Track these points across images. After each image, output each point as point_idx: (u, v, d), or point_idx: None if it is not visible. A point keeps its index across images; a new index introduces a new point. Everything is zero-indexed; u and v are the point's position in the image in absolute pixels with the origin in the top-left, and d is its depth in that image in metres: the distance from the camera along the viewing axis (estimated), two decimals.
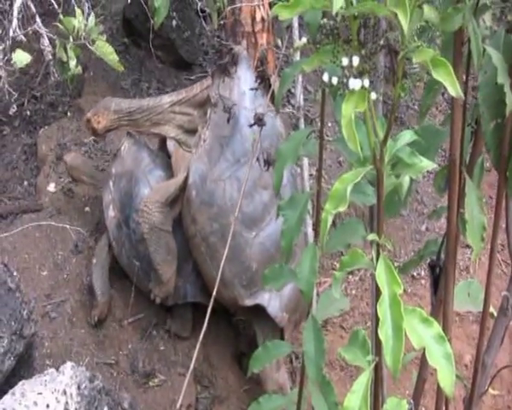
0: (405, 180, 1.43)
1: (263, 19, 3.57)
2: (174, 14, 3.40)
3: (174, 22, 3.38)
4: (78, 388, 1.77)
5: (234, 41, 3.47)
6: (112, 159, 3.68)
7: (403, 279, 3.84)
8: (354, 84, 1.16)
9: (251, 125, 3.33)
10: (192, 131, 3.32)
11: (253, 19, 3.55)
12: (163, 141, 3.53)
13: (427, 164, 1.28)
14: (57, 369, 1.82)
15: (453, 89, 1.10)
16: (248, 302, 3.18)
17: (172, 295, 3.37)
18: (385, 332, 1.27)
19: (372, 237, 1.33)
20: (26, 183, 4.04)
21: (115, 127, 3.50)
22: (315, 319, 1.97)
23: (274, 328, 3.25)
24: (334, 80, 1.18)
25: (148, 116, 3.41)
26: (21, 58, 2.46)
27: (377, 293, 1.31)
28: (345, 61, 1.17)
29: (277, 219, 2.98)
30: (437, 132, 1.60)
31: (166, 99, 3.41)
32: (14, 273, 3.53)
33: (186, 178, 3.23)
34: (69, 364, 1.84)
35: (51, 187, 3.92)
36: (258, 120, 2.75)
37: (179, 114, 3.38)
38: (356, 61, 1.16)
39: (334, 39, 1.20)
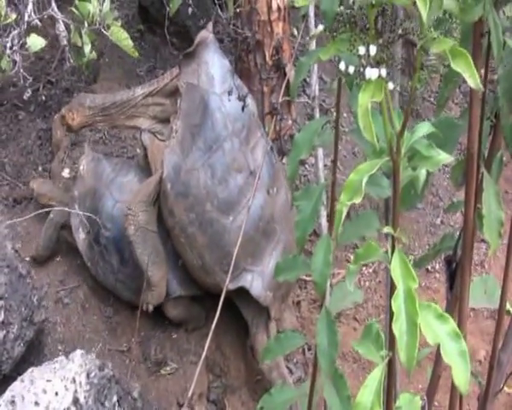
0: (422, 173, 1.40)
1: (279, 8, 3.55)
2: (190, 1, 3.38)
3: (190, 9, 3.35)
4: (88, 376, 1.76)
5: (249, 29, 3.45)
6: (72, 183, 3.68)
7: (417, 272, 3.79)
8: (371, 73, 1.13)
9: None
10: (166, 121, 3.32)
11: (269, 7, 3.53)
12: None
13: (444, 157, 1.24)
14: (67, 356, 1.81)
15: (473, 81, 1.07)
16: (231, 286, 3.16)
17: (154, 296, 3.32)
18: (399, 327, 1.25)
19: (387, 229, 1.30)
20: (40, 168, 4.05)
21: (90, 123, 3.53)
22: (328, 312, 1.94)
23: (259, 307, 3.25)
24: (351, 69, 1.15)
25: (122, 110, 3.42)
26: (36, 43, 2.44)
27: (392, 287, 1.29)
28: (362, 50, 1.14)
29: (254, 200, 3.09)
30: (454, 125, 1.57)
31: (139, 91, 3.41)
32: (27, 259, 3.56)
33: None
34: (79, 352, 1.82)
35: (65, 173, 3.92)
36: (274, 109, 2.74)
37: (152, 105, 3.38)
38: (373, 50, 1.13)
39: (351, 28, 1.17)
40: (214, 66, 3.18)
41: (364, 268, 3.76)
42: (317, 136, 1.83)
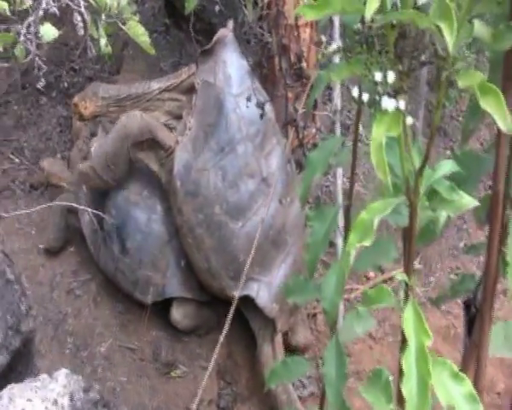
0: (442, 214, 1.25)
1: None
2: None
3: (217, 7, 3.23)
4: (71, 398, 1.65)
5: (276, 33, 3.33)
6: (82, 162, 3.60)
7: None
8: (388, 104, 0.99)
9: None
10: (181, 117, 3.26)
11: None
12: None
13: (468, 201, 1.10)
14: (50, 375, 1.71)
15: (503, 123, 0.92)
16: (237, 293, 3.09)
17: (151, 292, 3.29)
18: (409, 389, 1.12)
19: (401, 276, 1.16)
20: (59, 155, 4.00)
21: (103, 113, 3.46)
22: (338, 341, 1.82)
23: (266, 319, 3.17)
24: (365, 97, 1.01)
25: (137, 103, 3.35)
26: (49, 32, 2.34)
27: (403, 342, 1.15)
28: (378, 76, 0.99)
29: (265, 208, 3.01)
30: (480, 160, 1.42)
31: (155, 85, 3.34)
32: (40, 246, 3.50)
33: (171, 148, 3.15)
34: (63, 371, 1.72)
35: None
36: (293, 120, 2.63)
37: (168, 100, 3.32)
38: (391, 77, 0.99)
39: (369, 49, 1.02)
40: (232, 65, 3.11)
41: (384, 285, 3.63)
42: (333, 155, 1.70)
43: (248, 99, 2.82)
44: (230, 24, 3.16)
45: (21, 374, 1.98)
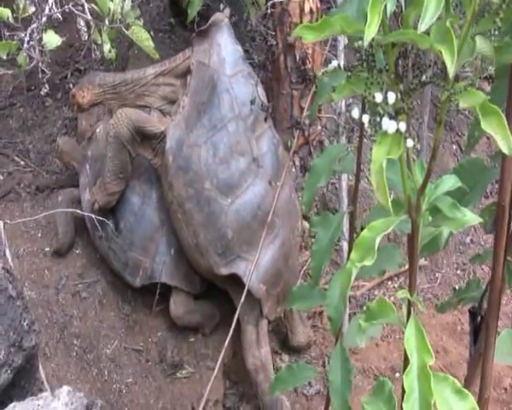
0: (445, 230, 1.25)
1: (311, 10, 3.42)
2: None
3: (221, 6, 3.23)
4: None
5: (281, 31, 3.33)
6: (88, 143, 3.64)
7: (444, 291, 3.62)
8: (388, 125, 0.98)
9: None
10: (176, 102, 3.29)
11: (302, 10, 3.40)
12: None
13: (471, 219, 1.09)
14: (53, 392, 1.71)
15: (505, 145, 0.92)
16: (224, 271, 3.11)
17: (140, 275, 3.33)
18: (410, 407, 1.11)
19: (403, 294, 1.15)
20: None
21: (100, 101, 3.48)
22: (343, 348, 1.83)
23: (251, 301, 3.13)
24: (365, 118, 1.00)
25: (133, 88, 3.38)
26: (52, 40, 2.33)
27: (405, 360, 1.14)
28: (378, 97, 0.99)
29: (254, 186, 3.04)
30: (485, 169, 1.41)
31: (150, 71, 3.36)
32: (47, 249, 3.49)
33: (162, 133, 3.20)
34: (65, 388, 1.71)
35: None
36: (297, 124, 2.63)
37: (163, 85, 3.34)
38: (392, 97, 0.98)
39: (369, 67, 1.02)
40: (226, 49, 3.14)
41: (390, 282, 3.62)
42: (337, 161, 1.70)
43: (252, 102, 2.83)
44: (227, 11, 3.22)
45: (24, 389, 1.97)
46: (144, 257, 3.33)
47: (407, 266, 1.26)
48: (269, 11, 3.06)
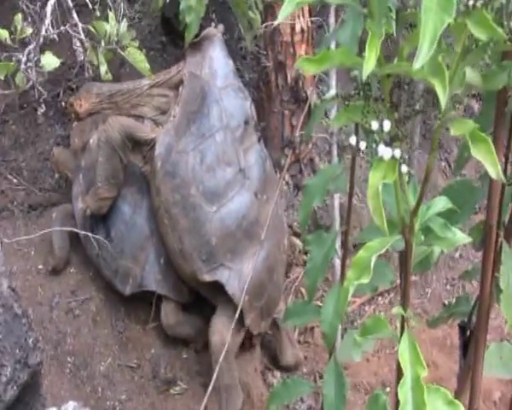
0: (436, 249, 1.31)
1: (302, 29, 3.49)
2: (214, 15, 3.31)
3: (213, 24, 3.29)
4: None
5: (272, 50, 3.39)
6: (81, 153, 3.69)
7: (433, 306, 3.65)
8: (384, 152, 1.04)
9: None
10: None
11: (293, 29, 3.47)
12: None
13: (461, 238, 1.16)
14: (59, 408, 1.74)
15: (494, 171, 0.98)
16: (207, 277, 3.17)
17: (130, 283, 3.39)
18: None
19: (397, 310, 1.21)
20: (57, 175, 3.98)
21: (97, 110, 3.53)
22: (336, 363, 1.88)
23: (234, 308, 3.11)
24: (362, 145, 1.06)
25: (128, 98, 3.44)
26: (50, 62, 2.39)
27: (398, 373, 1.20)
28: (374, 125, 1.05)
29: (239, 196, 3.10)
30: (473, 190, 1.48)
31: (145, 82, 3.42)
32: (40, 267, 3.52)
33: (152, 140, 3.27)
34: (71, 403, 1.75)
35: None
36: (290, 143, 2.69)
37: (157, 96, 3.40)
38: (387, 126, 1.04)
39: (365, 96, 1.08)
40: (218, 62, 3.23)
41: (380, 298, 3.68)
42: (331, 181, 1.76)
43: (246, 123, 2.92)
44: (220, 27, 3.29)
45: (28, 405, 2.00)
46: (134, 265, 3.38)
47: (397, 282, 1.32)
48: (261, 31, 3.13)
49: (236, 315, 2.45)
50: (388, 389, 3.37)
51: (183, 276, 3.29)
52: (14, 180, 3.99)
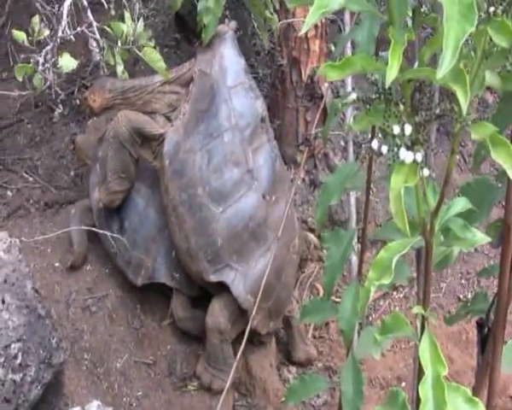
0: (456, 249, 1.33)
1: (316, 25, 3.48)
2: (227, 12, 3.32)
3: (226, 21, 3.30)
4: None
5: (286, 45, 3.39)
6: (99, 142, 3.69)
7: (448, 301, 3.66)
8: (405, 155, 1.06)
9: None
10: None
11: None
12: None
13: (480, 238, 1.17)
14: (83, 407, 1.77)
15: None
16: (213, 278, 3.18)
17: (142, 275, 3.42)
18: None
19: (417, 309, 1.23)
20: (72, 173, 4.01)
21: (110, 106, 3.54)
22: (354, 359, 1.89)
23: (239, 312, 3.21)
24: (384, 149, 1.08)
25: (140, 95, 3.46)
26: (68, 64, 2.41)
27: (420, 371, 1.22)
28: (396, 130, 1.07)
29: (246, 197, 3.12)
30: (491, 188, 1.49)
31: (157, 78, 3.43)
32: (56, 264, 3.54)
33: (161, 136, 3.28)
34: (95, 403, 1.78)
35: None
36: (306, 141, 2.69)
37: (169, 93, 3.41)
38: (408, 130, 1.06)
39: (386, 100, 1.10)
40: (229, 60, 3.22)
41: (395, 293, 3.68)
42: (348, 179, 1.77)
43: (263, 120, 2.89)
44: (233, 24, 3.28)
45: (52, 404, 2.03)
46: (146, 257, 3.41)
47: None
48: (274, 27, 3.13)
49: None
50: (404, 384, 3.39)
51: (190, 273, 3.31)
52: (30, 179, 4.00)
